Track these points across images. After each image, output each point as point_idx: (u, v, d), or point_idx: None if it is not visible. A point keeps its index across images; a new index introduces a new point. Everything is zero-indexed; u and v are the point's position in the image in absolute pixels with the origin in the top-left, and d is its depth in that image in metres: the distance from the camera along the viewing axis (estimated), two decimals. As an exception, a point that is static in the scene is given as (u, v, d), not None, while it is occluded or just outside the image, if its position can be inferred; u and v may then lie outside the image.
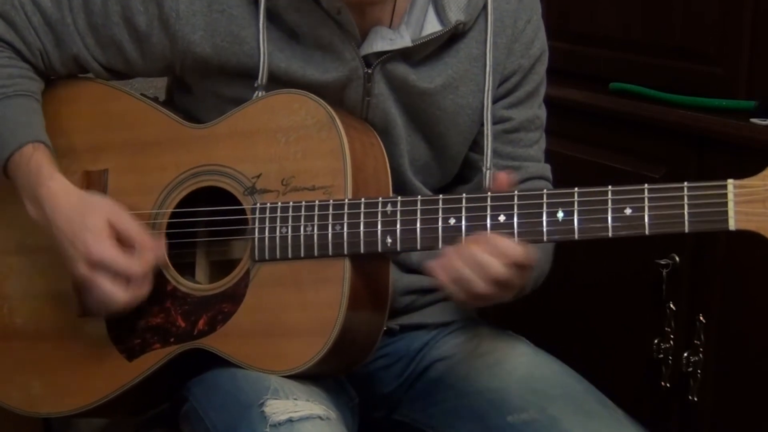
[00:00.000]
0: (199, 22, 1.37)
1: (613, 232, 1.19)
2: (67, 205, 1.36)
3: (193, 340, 1.36)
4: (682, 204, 1.17)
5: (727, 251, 1.67)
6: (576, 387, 1.40)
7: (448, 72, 1.42)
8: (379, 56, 1.38)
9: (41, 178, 1.37)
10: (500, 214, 1.24)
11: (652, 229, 1.18)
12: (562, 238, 1.22)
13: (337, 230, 1.30)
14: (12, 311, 1.46)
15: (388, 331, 1.42)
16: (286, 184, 1.33)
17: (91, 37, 1.42)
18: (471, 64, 1.43)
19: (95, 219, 1.34)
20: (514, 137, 1.47)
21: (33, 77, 1.44)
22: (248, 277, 1.34)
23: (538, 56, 1.48)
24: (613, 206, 1.20)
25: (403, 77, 1.40)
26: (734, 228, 1.15)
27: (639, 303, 1.80)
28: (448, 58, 1.42)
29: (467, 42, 1.42)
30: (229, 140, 1.37)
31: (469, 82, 1.43)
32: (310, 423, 1.24)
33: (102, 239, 1.33)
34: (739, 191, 1.15)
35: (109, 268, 1.32)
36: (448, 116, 1.44)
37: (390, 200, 1.29)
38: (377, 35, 1.38)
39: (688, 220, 1.17)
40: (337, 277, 1.29)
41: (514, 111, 1.47)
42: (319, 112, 1.33)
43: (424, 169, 1.47)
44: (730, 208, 1.15)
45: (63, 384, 1.43)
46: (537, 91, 1.49)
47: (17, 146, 1.37)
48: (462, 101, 1.43)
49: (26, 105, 1.41)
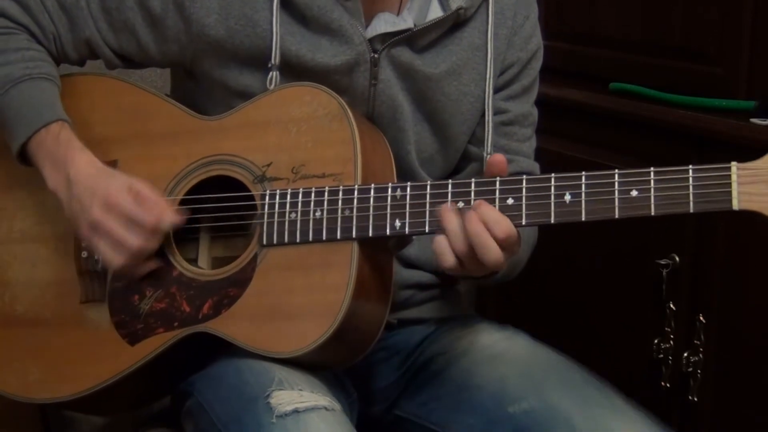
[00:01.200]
0: (213, 6, 1.38)
1: (620, 213, 1.21)
2: (93, 171, 1.38)
3: (197, 324, 1.35)
4: (687, 185, 1.18)
5: (727, 251, 1.67)
6: (574, 375, 1.40)
7: (452, 59, 1.44)
8: (384, 41, 1.40)
9: (71, 149, 1.38)
10: (509, 197, 1.25)
11: (657, 210, 1.19)
12: (569, 219, 1.23)
13: (346, 214, 1.30)
14: (14, 299, 1.46)
15: (387, 325, 1.42)
16: (296, 172, 1.34)
17: (104, 21, 1.43)
18: (473, 53, 1.45)
19: (119, 179, 1.37)
20: (509, 130, 1.49)
21: (51, 61, 1.45)
22: (255, 261, 1.34)
23: (535, 52, 1.51)
24: (619, 188, 1.21)
25: (408, 62, 1.42)
26: (738, 208, 1.16)
27: (639, 303, 1.81)
28: (452, 45, 1.44)
29: (469, 31, 1.45)
30: (240, 131, 1.38)
31: (471, 70, 1.45)
32: (316, 414, 1.24)
33: (122, 191, 1.35)
34: (742, 172, 1.17)
35: (121, 211, 1.33)
36: (452, 103, 1.45)
37: (399, 185, 1.30)
38: (381, 19, 1.40)
39: (693, 200, 1.18)
40: (345, 261, 1.30)
41: (510, 103, 1.49)
42: (331, 104, 1.34)
43: (429, 161, 1.48)
44: (733, 189, 1.16)
45: (62, 370, 1.42)
46: (532, 87, 1.52)
47: (44, 123, 1.38)
48: (465, 89, 1.46)
49: (49, 88, 1.42)
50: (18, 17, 1.43)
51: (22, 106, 1.40)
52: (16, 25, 1.44)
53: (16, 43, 1.43)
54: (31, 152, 1.39)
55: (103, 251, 1.36)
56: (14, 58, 1.41)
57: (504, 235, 1.22)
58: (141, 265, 1.37)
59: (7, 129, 1.41)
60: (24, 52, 1.42)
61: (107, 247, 1.35)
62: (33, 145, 1.39)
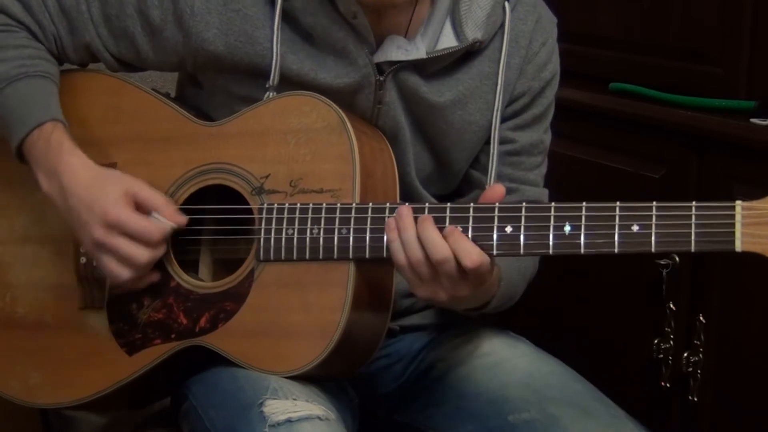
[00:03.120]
0: (213, 20, 1.37)
1: (620, 248, 1.19)
2: (87, 175, 1.36)
3: (194, 337, 1.35)
4: (690, 223, 1.16)
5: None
6: (576, 386, 1.40)
7: (459, 88, 1.41)
8: (392, 64, 1.37)
9: (62, 152, 1.36)
10: (507, 225, 1.23)
11: (658, 247, 1.17)
12: (567, 252, 1.21)
13: (344, 234, 1.29)
14: (14, 301, 1.46)
15: (389, 332, 1.42)
16: (294, 185, 1.33)
17: (104, 27, 1.43)
18: (482, 82, 1.42)
19: (114, 187, 1.35)
20: (515, 160, 1.46)
21: (50, 59, 1.44)
22: (252, 276, 1.34)
23: (549, 80, 1.47)
24: (620, 222, 1.19)
25: (414, 88, 1.39)
26: (740, 250, 1.14)
27: (639, 303, 1.80)
28: (460, 74, 1.41)
29: (481, 59, 1.41)
30: (238, 139, 1.37)
31: (478, 99, 1.42)
32: (309, 423, 1.24)
33: (120, 204, 1.33)
34: (746, 213, 1.14)
35: (125, 228, 1.32)
36: (454, 131, 1.43)
37: (398, 206, 1.28)
38: (392, 44, 1.37)
39: (694, 239, 1.16)
40: (342, 280, 1.29)
41: (519, 133, 1.46)
42: (330, 116, 1.33)
43: (427, 180, 1.47)
44: (737, 230, 1.14)
45: (62, 376, 1.42)
46: (544, 115, 1.48)
47: (36, 123, 1.37)
48: (470, 118, 1.43)
49: (45, 86, 1.41)
50: (19, 15, 1.43)
51: (16, 105, 1.39)
52: (16, 23, 1.43)
53: (15, 41, 1.42)
54: (26, 153, 1.39)
55: (109, 268, 1.34)
56: (11, 55, 1.41)
57: (440, 257, 1.21)
58: (143, 277, 1.37)
59: (4, 128, 1.40)
60: (22, 50, 1.41)
61: (113, 264, 1.34)
62: (27, 146, 1.38)
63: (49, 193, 1.38)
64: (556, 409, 1.35)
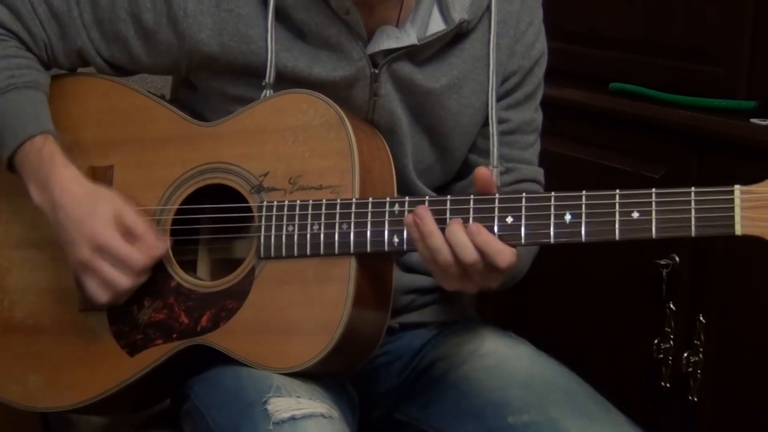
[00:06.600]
0: (206, 21, 1.37)
1: (621, 235, 1.19)
2: (78, 191, 1.37)
3: (195, 336, 1.35)
4: (689, 208, 1.17)
5: (727, 252, 1.67)
6: (576, 389, 1.40)
7: (453, 72, 1.42)
8: (385, 56, 1.38)
9: (54, 165, 1.37)
10: (508, 215, 1.24)
11: (659, 233, 1.18)
12: (569, 240, 1.22)
13: (344, 229, 1.30)
14: (13, 305, 1.46)
15: (389, 329, 1.42)
16: (293, 182, 1.34)
17: (96, 31, 1.42)
18: (474, 64, 1.43)
19: (104, 207, 1.35)
20: (510, 139, 1.47)
21: (40, 69, 1.44)
22: (253, 274, 1.34)
23: (538, 59, 1.48)
24: (620, 209, 1.20)
25: (409, 77, 1.40)
26: (740, 233, 1.15)
27: (639, 303, 1.80)
28: (453, 58, 1.42)
29: (471, 42, 1.43)
30: (236, 138, 1.37)
31: (472, 82, 1.44)
32: (313, 421, 1.24)
33: (109, 228, 1.34)
34: (745, 197, 1.16)
35: (111, 254, 1.33)
36: (452, 116, 1.44)
37: (398, 200, 1.29)
38: (383, 34, 1.38)
39: (694, 224, 1.17)
40: (343, 276, 1.29)
41: (512, 112, 1.47)
42: (328, 113, 1.33)
43: (427, 171, 1.47)
44: (736, 213, 1.15)
45: (62, 378, 1.42)
46: (535, 93, 1.50)
47: (27, 136, 1.37)
48: (465, 101, 1.44)
49: (35, 97, 1.41)
50: (8, 24, 1.42)
51: (6, 118, 1.38)
52: (5, 31, 1.43)
53: (4, 50, 1.41)
54: (17, 165, 1.39)
55: (89, 288, 1.36)
56: (0, 66, 1.40)
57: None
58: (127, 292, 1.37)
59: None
60: (11, 60, 1.41)
61: (94, 285, 1.35)
62: (19, 158, 1.38)
63: (40, 205, 1.38)
64: (557, 411, 1.35)
